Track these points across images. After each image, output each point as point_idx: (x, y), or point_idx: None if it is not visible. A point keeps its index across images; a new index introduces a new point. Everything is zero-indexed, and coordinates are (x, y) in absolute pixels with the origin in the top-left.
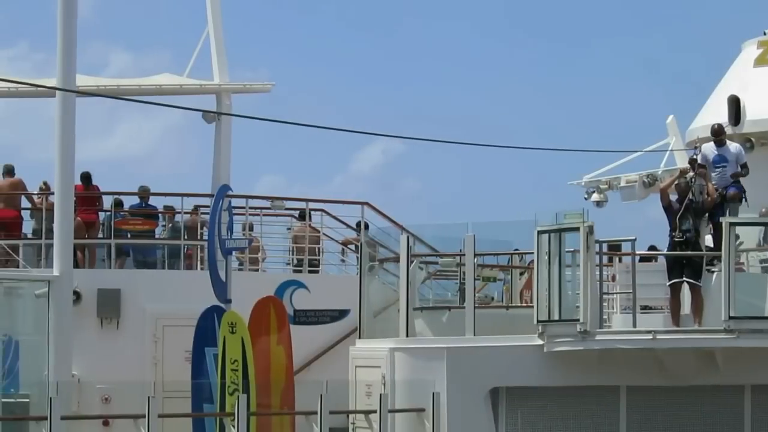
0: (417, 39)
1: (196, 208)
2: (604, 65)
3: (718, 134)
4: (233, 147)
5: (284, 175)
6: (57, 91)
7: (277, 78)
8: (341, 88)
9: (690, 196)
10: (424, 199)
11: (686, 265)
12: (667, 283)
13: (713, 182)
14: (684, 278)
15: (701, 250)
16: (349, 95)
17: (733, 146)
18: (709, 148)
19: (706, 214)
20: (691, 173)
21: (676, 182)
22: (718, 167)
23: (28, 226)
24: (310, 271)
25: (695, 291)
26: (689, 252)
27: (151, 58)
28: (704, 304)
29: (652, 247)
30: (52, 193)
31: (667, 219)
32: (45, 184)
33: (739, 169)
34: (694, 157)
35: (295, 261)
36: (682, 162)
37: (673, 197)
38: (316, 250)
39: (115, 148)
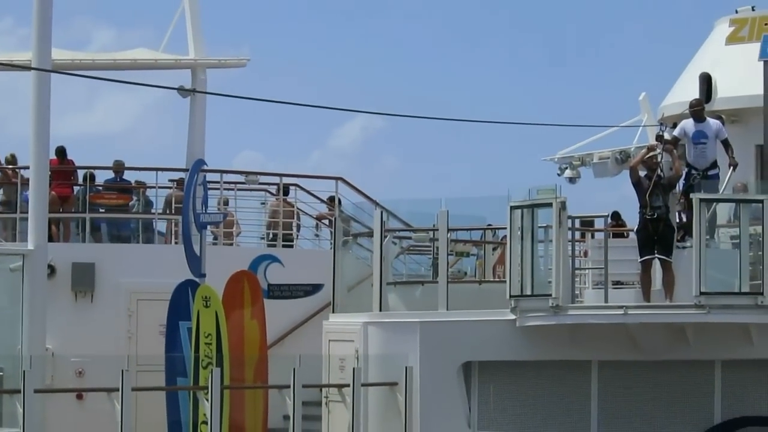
0: (396, 16)
1: (180, 181)
2: (578, 42)
3: (695, 106)
4: (211, 122)
5: (262, 151)
6: (33, 66)
7: (257, 54)
8: (320, 65)
9: (659, 172)
10: (403, 176)
11: (657, 241)
12: (639, 260)
13: (691, 159)
14: (655, 255)
15: (672, 227)
16: (329, 72)
17: (713, 122)
18: (689, 124)
19: (676, 189)
20: (659, 150)
21: (645, 158)
22: (699, 144)
23: None
24: (284, 246)
25: (666, 267)
26: (660, 229)
27: (135, 34)
28: (675, 280)
29: (615, 214)
30: (27, 167)
31: (636, 196)
32: (12, 155)
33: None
34: (660, 133)
35: (270, 236)
36: (654, 139)
37: (643, 173)
38: (291, 225)
39: (95, 123)
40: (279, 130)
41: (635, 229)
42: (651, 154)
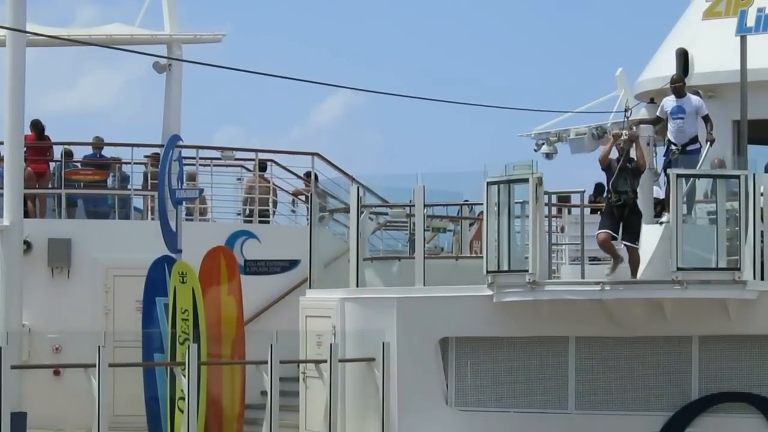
0: None
1: (155, 157)
2: (557, 18)
3: (675, 82)
4: (190, 98)
5: (242, 126)
6: (7, 40)
7: (239, 32)
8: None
9: (628, 156)
10: (384, 152)
11: (624, 227)
12: (597, 232)
13: (671, 135)
14: (622, 241)
15: (638, 212)
16: (309, 50)
17: (694, 98)
18: (669, 100)
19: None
20: (624, 136)
21: (614, 143)
22: (676, 118)
23: None
24: (260, 222)
25: (632, 251)
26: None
27: (116, 10)
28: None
29: (600, 186)
30: (1, 143)
31: (606, 180)
32: None
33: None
34: (626, 117)
35: (246, 212)
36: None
37: (614, 156)
38: (267, 201)
39: (78, 100)
40: (259, 107)
41: (600, 212)
42: (618, 140)
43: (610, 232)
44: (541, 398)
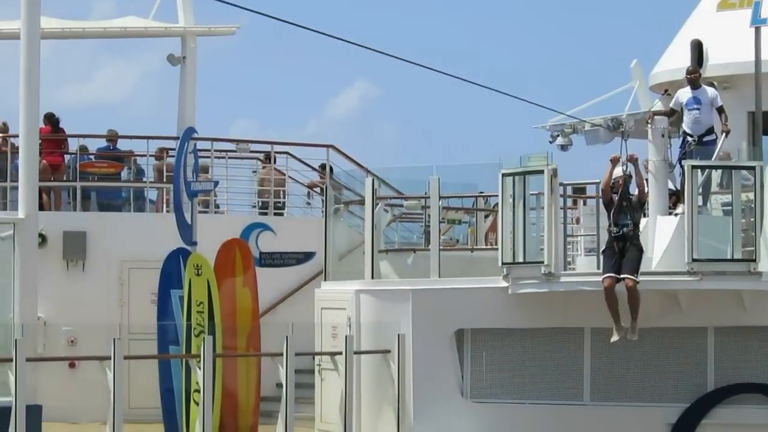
0: None
1: (162, 150)
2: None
3: (691, 73)
4: (206, 91)
5: (257, 119)
6: (21, 33)
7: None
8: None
9: (628, 189)
10: (399, 144)
11: (623, 260)
12: (602, 278)
13: (686, 127)
14: (622, 275)
15: (639, 245)
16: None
17: (709, 89)
18: (684, 91)
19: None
20: (622, 160)
21: (611, 181)
22: (692, 109)
23: None
24: (275, 214)
25: (631, 289)
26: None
27: (134, 3)
28: (640, 302)
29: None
30: (17, 136)
31: (607, 215)
32: (3, 124)
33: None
34: (624, 139)
35: (261, 204)
36: (645, 106)
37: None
38: (281, 193)
39: (93, 93)
40: (275, 99)
41: (602, 249)
42: (616, 176)
43: (614, 276)
44: (556, 390)
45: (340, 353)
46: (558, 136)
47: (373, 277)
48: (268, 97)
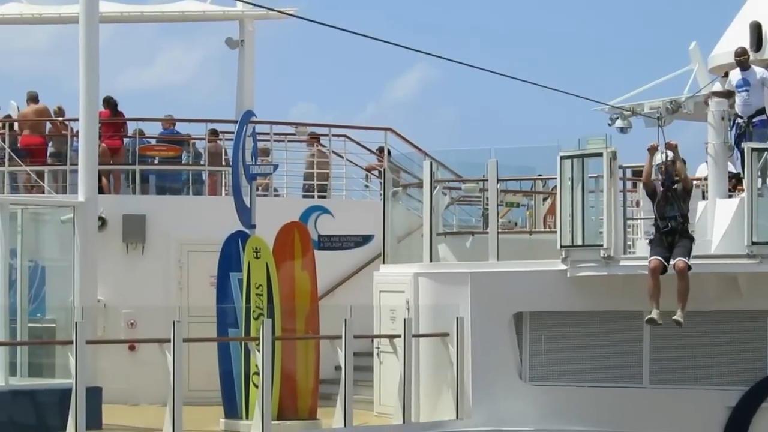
0: None
1: (215, 132)
2: None
3: (740, 55)
4: (266, 74)
5: (317, 103)
6: (80, 17)
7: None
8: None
9: (672, 177)
10: (459, 127)
11: (676, 248)
12: (649, 259)
13: (737, 109)
14: (676, 258)
15: (689, 236)
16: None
17: (758, 70)
18: (735, 73)
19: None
20: (660, 150)
21: (654, 166)
22: (741, 91)
23: None
24: (320, 197)
25: (682, 273)
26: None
27: None
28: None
29: None
30: (77, 120)
31: (652, 208)
32: (59, 108)
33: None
34: (660, 124)
35: (307, 186)
36: (705, 88)
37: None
38: (327, 175)
39: (155, 77)
40: (334, 82)
41: (648, 240)
42: (657, 164)
43: (661, 259)
44: (615, 373)
45: (399, 336)
46: (617, 118)
47: (431, 260)
48: (328, 80)
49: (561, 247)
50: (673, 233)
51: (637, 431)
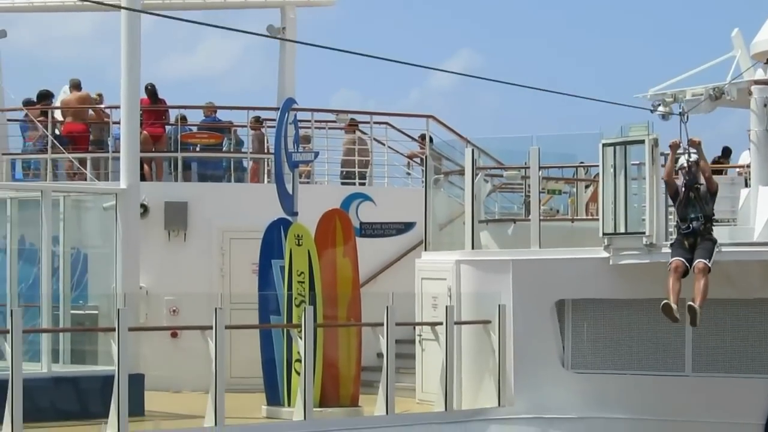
0: None
1: (258, 120)
2: None
3: None
4: (307, 61)
5: (358, 90)
6: (122, 5)
7: None
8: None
9: (694, 177)
10: (501, 115)
11: (698, 247)
12: (671, 259)
13: None
14: (697, 260)
15: (711, 238)
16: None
17: None
18: None
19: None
20: (682, 148)
21: (676, 165)
22: None
23: None
24: (360, 184)
25: (703, 274)
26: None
27: None
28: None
29: (726, 150)
30: (117, 107)
31: (674, 209)
32: (98, 95)
33: None
34: (684, 121)
35: (345, 173)
36: (747, 75)
37: (681, 180)
38: (365, 162)
39: (197, 65)
40: (376, 70)
41: (670, 243)
42: (681, 165)
43: (683, 260)
44: (657, 360)
45: (441, 323)
46: (659, 105)
47: (473, 248)
48: (370, 67)
49: (603, 234)
50: (694, 235)
51: (679, 420)
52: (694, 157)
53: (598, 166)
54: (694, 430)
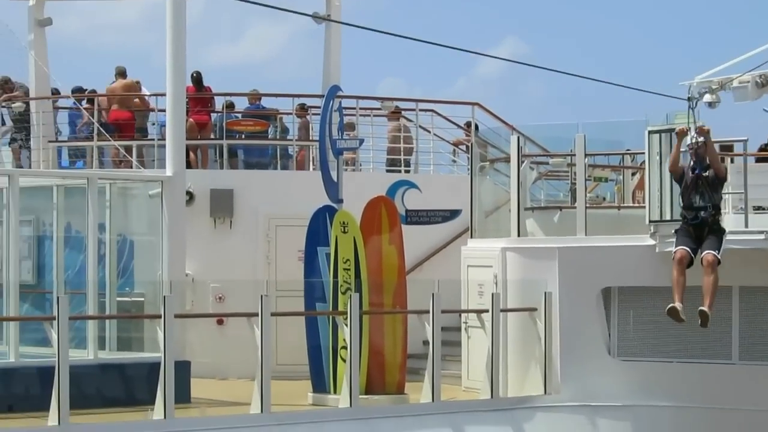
0: None
1: (303, 107)
2: None
3: None
4: (353, 48)
5: (404, 77)
6: None
7: None
8: None
9: (698, 163)
10: (547, 102)
11: (706, 238)
12: (675, 248)
13: None
14: (705, 251)
15: (720, 229)
16: None
17: None
18: None
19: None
20: (692, 133)
21: (681, 150)
22: None
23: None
24: (408, 171)
25: (711, 268)
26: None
27: None
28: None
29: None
30: (162, 95)
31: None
32: (137, 82)
33: None
34: (692, 106)
35: (389, 161)
36: None
37: (689, 162)
38: (410, 150)
39: (243, 52)
40: (423, 58)
41: (674, 229)
42: (689, 143)
43: (688, 249)
44: (704, 348)
45: (487, 311)
46: (705, 92)
47: (519, 235)
48: (415, 56)
49: (650, 222)
50: (702, 226)
51: (725, 408)
52: (701, 139)
53: (644, 153)
54: (740, 419)
